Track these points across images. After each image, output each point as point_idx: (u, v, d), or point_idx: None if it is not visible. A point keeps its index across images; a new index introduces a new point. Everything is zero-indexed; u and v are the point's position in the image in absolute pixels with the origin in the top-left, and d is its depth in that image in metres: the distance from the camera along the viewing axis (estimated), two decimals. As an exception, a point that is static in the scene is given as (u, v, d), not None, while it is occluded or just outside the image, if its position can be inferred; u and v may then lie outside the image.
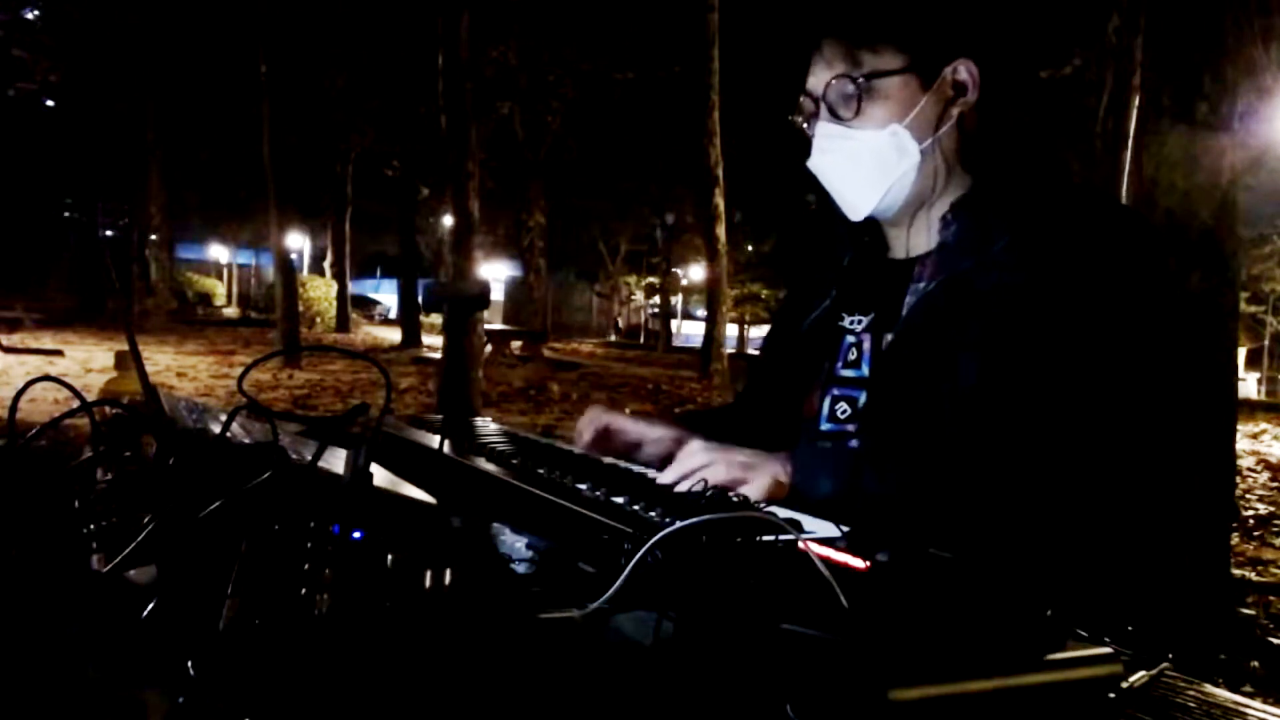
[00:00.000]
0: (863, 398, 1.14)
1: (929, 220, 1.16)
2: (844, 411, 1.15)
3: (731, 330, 20.59)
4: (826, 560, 0.63)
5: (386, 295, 37.14)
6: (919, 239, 1.17)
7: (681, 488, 0.93)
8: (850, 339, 1.19)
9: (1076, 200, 1.09)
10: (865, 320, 1.18)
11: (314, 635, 0.53)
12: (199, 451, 0.80)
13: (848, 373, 1.17)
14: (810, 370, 1.21)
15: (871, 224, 1.20)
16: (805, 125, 1.18)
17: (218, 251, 33.76)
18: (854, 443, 1.13)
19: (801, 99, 1.17)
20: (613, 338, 32.61)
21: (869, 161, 1.12)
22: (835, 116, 1.13)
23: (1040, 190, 1.11)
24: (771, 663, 0.56)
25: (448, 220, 12.60)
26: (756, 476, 0.97)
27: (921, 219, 1.16)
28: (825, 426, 1.17)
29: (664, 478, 0.96)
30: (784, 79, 1.19)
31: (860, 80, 1.10)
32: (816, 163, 1.16)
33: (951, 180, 1.14)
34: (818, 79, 1.14)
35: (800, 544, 0.66)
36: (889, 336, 1.14)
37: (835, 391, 1.17)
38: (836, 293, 1.22)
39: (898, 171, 1.11)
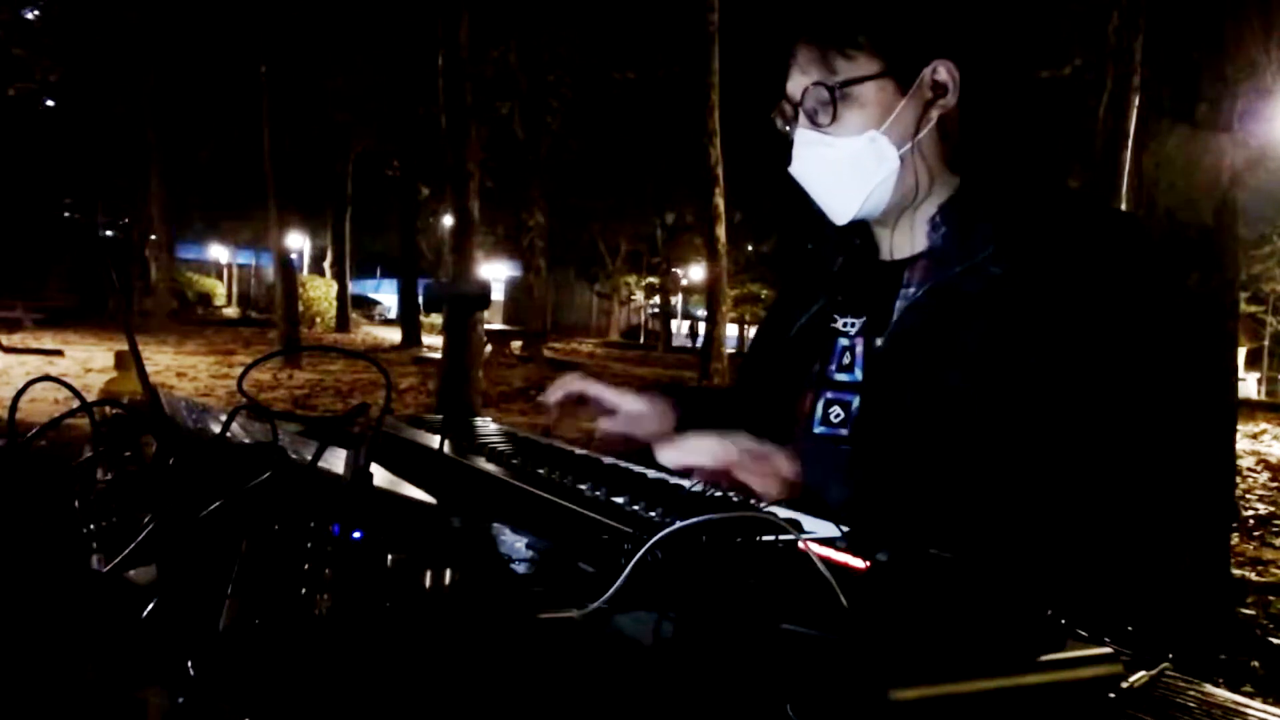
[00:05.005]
0: (856, 402, 1.14)
1: (915, 222, 1.15)
2: (837, 415, 1.15)
3: (732, 330, 20.57)
4: (826, 560, 0.63)
5: (386, 295, 37.14)
6: (907, 241, 1.17)
7: (693, 463, 0.95)
8: (844, 342, 1.18)
9: (1065, 203, 1.09)
10: (858, 324, 1.18)
11: (314, 635, 0.53)
12: (199, 451, 0.80)
13: (841, 376, 1.17)
14: (802, 372, 1.20)
15: (861, 225, 1.19)
16: (787, 129, 1.17)
17: (218, 251, 33.73)
18: (845, 448, 1.13)
19: (782, 102, 1.16)
20: (614, 337, 32.60)
21: (848, 169, 1.11)
22: (813, 123, 1.12)
23: (1028, 193, 1.10)
24: (771, 663, 0.56)
25: (448, 220, 12.59)
26: (767, 468, 0.98)
27: (907, 221, 1.16)
28: (819, 430, 1.16)
29: (668, 458, 0.97)
30: (766, 81, 1.19)
31: (836, 87, 1.08)
32: (797, 169, 1.15)
33: (937, 182, 1.13)
34: (795, 84, 1.13)
35: (800, 544, 0.66)
36: (879, 342, 1.13)
37: (828, 395, 1.17)
38: (829, 295, 1.22)
39: (877, 178, 1.10)
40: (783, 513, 0.75)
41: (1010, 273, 1.03)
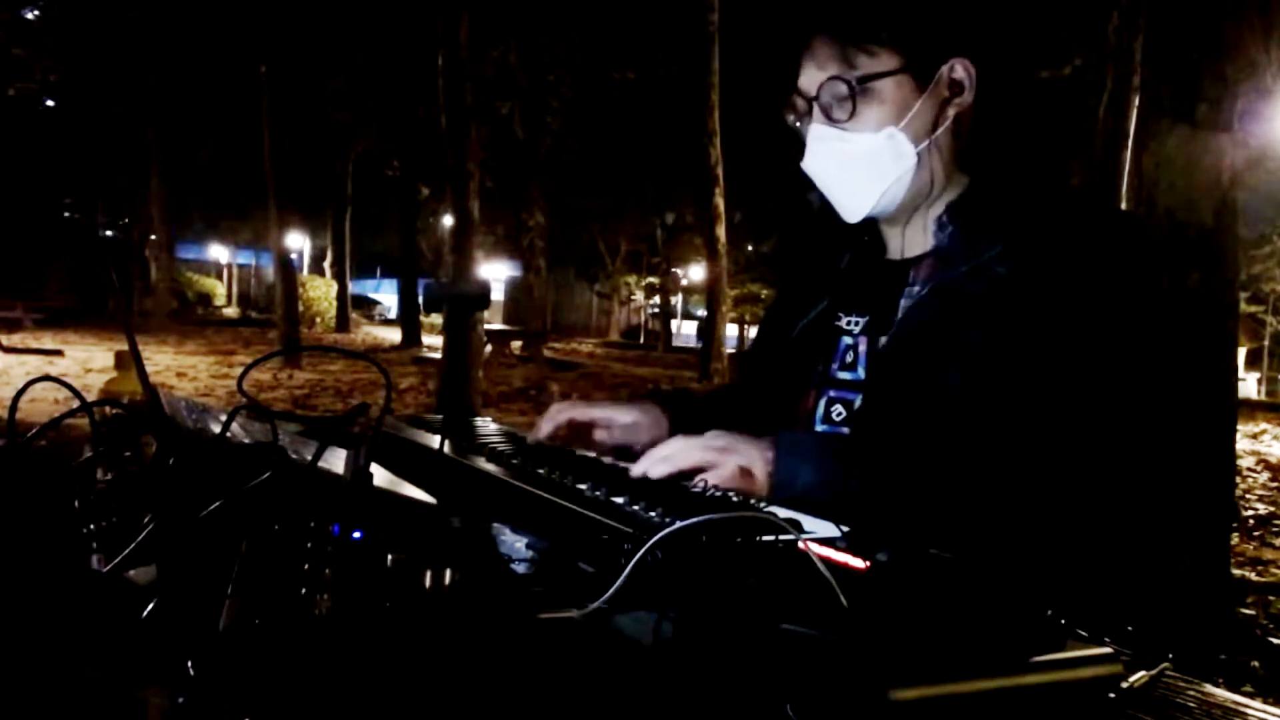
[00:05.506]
0: (858, 401, 1.14)
1: (925, 221, 1.15)
2: (839, 414, 1.15)
3: (732, 330, 20.58)
4: (826, 560, 0.63)
5: (386, 295, 37.15)
6: (915, 240, 1.17)
7: (653, 474, 0.94)
8: (847, 340, 1.18)
9: (1071, 205, 1.09)
10: (862, 322, 1.18)
11: (314, 635, 0.53)
12: (199, 451, 0.80)
13: (844, 375, 1.17)
14: (805, 370, 1.20)
15: (869, 223, 1.19)
16: (798, 124, 1.16)
17: (218, 251, 33.72)
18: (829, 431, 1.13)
19: (794, 97, 1.14)
20: (614, 337, 32.60)
21: (864, 165, 1.10)
22: (829, 118, 1.10)
23: (1035, 194, 1.11)
24: (771, 663, 0.56)
25: (448, 220, 12.60)
26: (728, 459, 0.96)
27: (918, 219, 1.16)
28: (820, 428, 1.16)
29: (634, 470, 0.96)
30: (776, 75, 1.17)
31: (854, 82, 1.07)
32: (810, 165, 1.14)
33: (948, 181, 1.14)
34: (810, 78, 1.11)
35: (800, 544, 0.66)
36: (882, 340, 1.13)
37: (831, 393, 1.17)
38: (834, 293, 1.21)
39: (894, 175, 1.10)
40: (783, 513, 0.75)
41: (1016, 273, 1.03)
